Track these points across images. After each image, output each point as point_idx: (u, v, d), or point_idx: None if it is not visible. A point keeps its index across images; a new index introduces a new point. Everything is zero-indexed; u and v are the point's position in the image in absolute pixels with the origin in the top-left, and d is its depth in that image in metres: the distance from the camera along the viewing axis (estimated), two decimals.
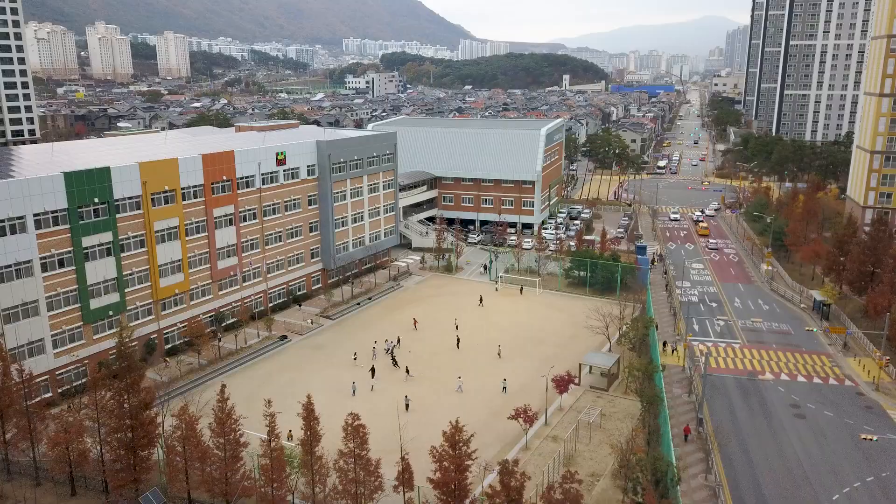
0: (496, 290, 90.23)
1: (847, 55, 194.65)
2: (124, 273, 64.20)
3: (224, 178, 73.16)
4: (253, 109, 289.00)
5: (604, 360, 63.97)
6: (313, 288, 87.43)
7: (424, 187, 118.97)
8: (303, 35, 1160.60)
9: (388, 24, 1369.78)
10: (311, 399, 40.74)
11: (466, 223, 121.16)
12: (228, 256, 75.11)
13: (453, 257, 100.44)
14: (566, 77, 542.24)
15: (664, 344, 71.11)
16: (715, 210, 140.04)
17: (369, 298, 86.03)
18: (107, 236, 62.22)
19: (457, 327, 76.19)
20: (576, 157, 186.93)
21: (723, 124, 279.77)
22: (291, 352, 70.93)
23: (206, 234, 72.08)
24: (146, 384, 60.29)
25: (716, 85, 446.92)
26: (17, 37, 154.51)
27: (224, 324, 74.10)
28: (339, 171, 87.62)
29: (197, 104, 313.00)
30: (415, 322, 77.36)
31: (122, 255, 63.87)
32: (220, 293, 74.82)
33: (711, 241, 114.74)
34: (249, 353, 70.12)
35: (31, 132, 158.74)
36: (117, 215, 62.96)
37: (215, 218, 72.91)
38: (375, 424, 55.52)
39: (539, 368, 66.88)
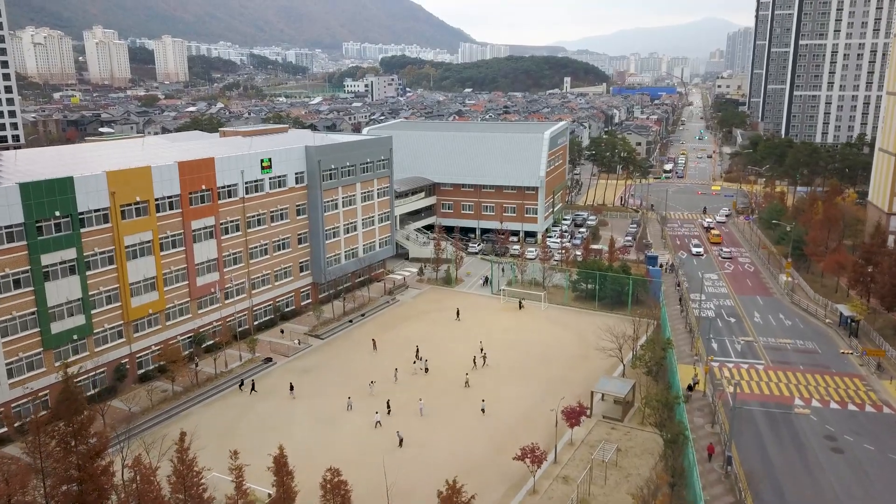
0: (520, 307, 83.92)
1: (859, 55, 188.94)
2: (91, 293, 58.47)
3: (203, 187, 67.47)
4: (249, 113, 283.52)
5: (618, 387, 58.13)
6: (303, 304, 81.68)
7: (422, 194, 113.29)
8: (302, 39, 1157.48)
9: (387, 28, 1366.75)
10: (283, 451, 34.84)
11: (466, 231, 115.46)
12: (209, 272, 69.39)
13: (453, 268, 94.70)
14: (567, 79, 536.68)
15: (690, 388, 61.35)
16: (726, 216, 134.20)
17: (362, 315, 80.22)
18: (70, 253, 56.51)
19: (482, 350, 70.04)
20: (579, 161, 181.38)
21: (728, 126, 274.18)
22: (276, 376, 65.12)
23: (183, 248, 66.38)
24: (118, 413, 54.86)
25: (719, 87, 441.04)
26: (1, 40, 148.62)
27: (204, 345, 68.34)
28: (330, 179, 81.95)
29: (192, 108, 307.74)
30: (374, 343, 71.54)
31: (88, 273, 58.13)
32: (200, 312, 69.08)
33: (725, 249, 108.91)
34: (230, 378, 64.31)
35: (16, 138, 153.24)
36: (82, 229, 57.28)
37: (194, 231, 67.23)
38: (365, 462, 49.90)
39: (545, 392, 61.16)
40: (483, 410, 57.99)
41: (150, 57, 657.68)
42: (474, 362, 67.38)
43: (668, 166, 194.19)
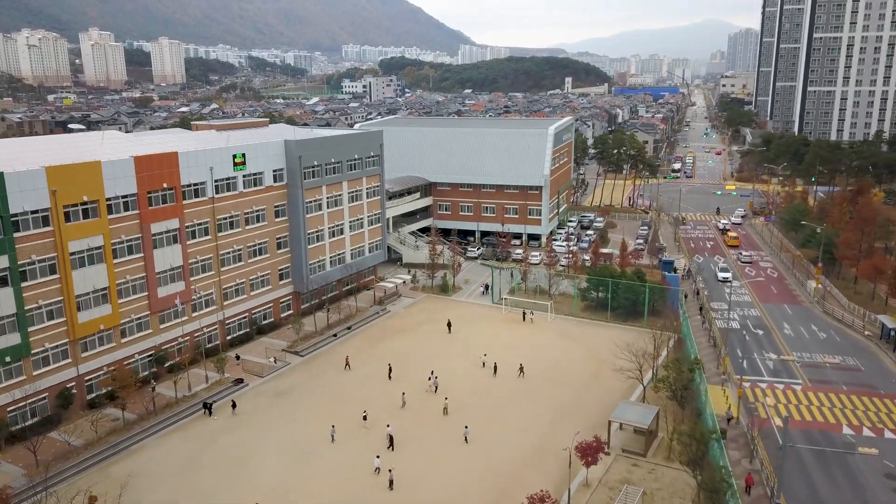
0: (524, 319, 75.70)
1: (876, 48, 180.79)
2: (28, 307, 50.49)
3: (165, 185, 59.50)
4: (243, 114, 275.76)
5: (640, 415, 50.01)
6: (283, 315, 73.64)
7: (417, 194, 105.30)
8: (302, 42, 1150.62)
9: (387, 30, 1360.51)
10: None
11: (465, 234, 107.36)
12: (173, 281, 61.34)
13: (450, 275, 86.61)
14: (568, 80, 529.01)
15: (724, 432, 50.10)
16: (741, 217, 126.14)
17: (348, 328, 72.10)
18: (1, 261, 48.54)
19: (483, 364, 63.27)
20: (583, 161, 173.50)
21: (734, 125, 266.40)
22: (246, 401, 57.00)
23: (141, 254, 58.39)
24: (57, 447, 46.79)
25: (723, 86, 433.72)
26: None
27: (167, 364, 60.28)
28: (313, 176, 73.98)
29: (184, 109, 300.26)
30: (346, 362, 63.27)
31: (24, 284, 50.16)
32: (163, 327, 61.02)
33: (744, 253, 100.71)
34: (193, 402, 56.18)
35: None
36: (16, 234, 49.34)
37: (154, 235, 59.22)
38: None
39: (554, 420, 53.15)
40: (466, 438, 50.43)
41: (147, 59, 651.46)
42: (494, 370, 61.71)
43: (677, 165, 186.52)
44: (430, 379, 59.23)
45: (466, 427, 51.16)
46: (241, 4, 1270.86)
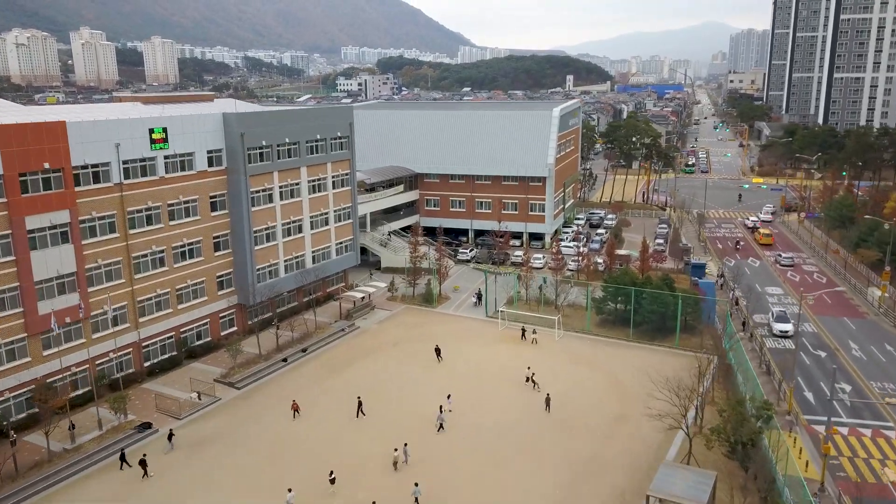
0: (523, 336, 60.38)
1: None
2: None
3: (47, 165, 44.75)
4: None
5: (691, 486, 35.01)
6: (223, 334, 58.80)
7: (401, 187, 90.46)
8: (301, 43, 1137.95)
9: (386, 31, 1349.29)
10: None
11: (457, 234, 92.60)
12: (61, 293, 46.54)
13: (434, 281, 71.73)
14: (569, 78, 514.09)
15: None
16: (771, 213, 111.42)
17: (303, 350, 57.12)
18: None
19: (528, 379, 50.75)
20: (589, 154, 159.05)
21: (748, 120, 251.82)
22: (151, 455, 41.95)
23: (12, 257, 43.64)
24: None
25: (731, 82, 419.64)
26: None
27: (50, 403, 45.40)
28: (262, 160, 59.25)
29: None
30: (295, 408, 46.75)
31: None
32: (47, 354, 46.19)
33: (784, 255, 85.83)
34: (77, 459, 41.32)
35: None
36: None
37: (32, 231, 44.49)
38: None
39: (568, 488, 38.30)
40: (416, 501, 36.32)
41: (141, 59, 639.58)
42: (532, 380, 50.36)
43: (691, 160, 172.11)
44: (441, 410, 45.06)
45: (417, 485, 36.57)
46: (240, 6, 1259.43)
